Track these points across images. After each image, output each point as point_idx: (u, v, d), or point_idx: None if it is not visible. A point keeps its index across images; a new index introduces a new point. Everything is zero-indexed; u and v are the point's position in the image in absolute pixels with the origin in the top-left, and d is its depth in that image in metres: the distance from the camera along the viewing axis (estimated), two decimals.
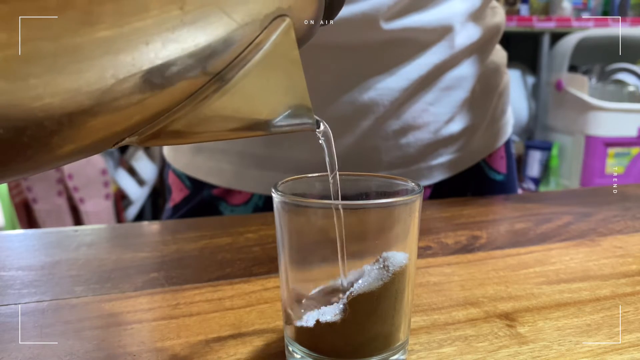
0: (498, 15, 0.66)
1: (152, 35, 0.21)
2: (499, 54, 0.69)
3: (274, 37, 0.25)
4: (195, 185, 0.66)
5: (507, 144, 0.72)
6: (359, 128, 0.59)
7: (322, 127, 0.30)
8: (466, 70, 0.63)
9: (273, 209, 0.31)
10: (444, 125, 0.63)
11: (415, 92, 0.60)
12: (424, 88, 0.60)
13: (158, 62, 0.21)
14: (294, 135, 0.60)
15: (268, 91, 0.26)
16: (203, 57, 0.23)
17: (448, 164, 0.64)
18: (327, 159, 0.31)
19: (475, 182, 0.68)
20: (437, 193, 0.66)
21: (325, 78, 0.57)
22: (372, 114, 0.58)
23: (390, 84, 0.58)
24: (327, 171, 0.32)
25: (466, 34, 0.61)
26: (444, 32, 0.59)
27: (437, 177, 0.64)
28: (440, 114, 0.62)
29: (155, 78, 0.22)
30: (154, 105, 0.22)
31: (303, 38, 0.28)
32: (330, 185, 0.32)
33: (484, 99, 0.66)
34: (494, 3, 0.66)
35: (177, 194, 0.69)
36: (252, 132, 0.26)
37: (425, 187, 0.65)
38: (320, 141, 0.31)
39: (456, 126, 0.64)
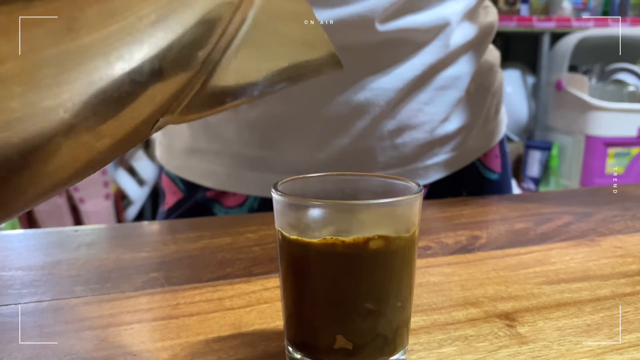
0: (490, 15, 0.66)
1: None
2: (493, 54, 0.70)
3: None
4: (189, 188, 0.66)
5: (502, 143, 0.72)
6: (355, 128, 0.59)
7: None
8: (461, 70, 0.63)
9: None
10: (439, 124, 0.63)
11: (410, 92, 0.60)
12: (419, 88, 0.60)
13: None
14: (288, 136, 0.60)
15: (282, 32, 0.27)
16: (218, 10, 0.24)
17: (444, 163, 0.65)
18: None
19: (471, 181, 0.68)
20: (433, 193, 0.66)
21: (320, 78, 0.57)
22: (368, 114, 0.58)
23: (385, 84, 0.58)
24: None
25: (461, 34, 0.61)
26: (439, 31, 0.59)
27: (433, 176, 0.64)
28: (435, 113, 0.62)
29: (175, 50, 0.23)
30: (174, 82, 0.23)
31: None
32: None
33: (479, 98, 0.67)
34: (487, 2, 0.67)
35: (170, 197, 0.68)
36: (289, 81, 0.27)
37: None
38: None
39: (451, 126, 0.64)
